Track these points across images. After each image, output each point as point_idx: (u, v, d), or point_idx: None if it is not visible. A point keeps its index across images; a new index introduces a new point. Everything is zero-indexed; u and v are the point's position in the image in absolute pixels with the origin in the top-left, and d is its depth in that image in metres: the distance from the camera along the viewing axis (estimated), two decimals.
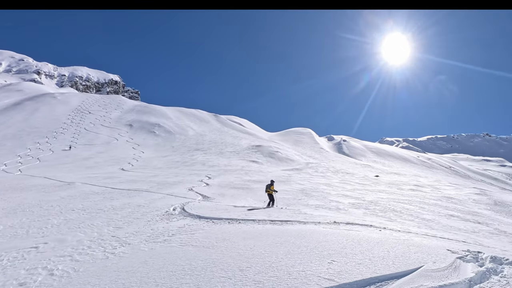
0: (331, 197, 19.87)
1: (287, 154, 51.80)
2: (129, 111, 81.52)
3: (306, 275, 6.33)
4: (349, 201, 18.99)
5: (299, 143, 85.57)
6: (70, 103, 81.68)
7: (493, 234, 14.71)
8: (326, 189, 23.65)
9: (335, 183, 28.14)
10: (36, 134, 55.67)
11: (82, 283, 6.53)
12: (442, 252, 8.00)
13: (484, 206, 25.10)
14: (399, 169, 73.59)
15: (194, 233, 10.06)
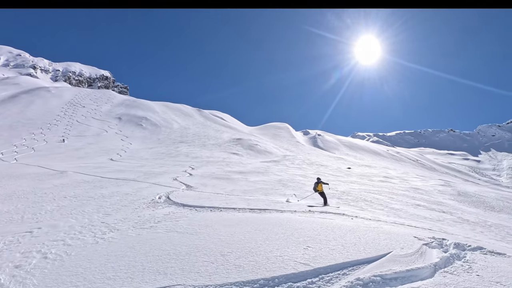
0: (307, 188, 19.91)
1: (266, 147, 51.96)
2: (119, 105, 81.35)
3: (283, 260, 6.39)
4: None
5: (277, 136, 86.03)
6: (64, 97, 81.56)
7: (456, 222, 14.87)
8: (302, 180, 23.74)
9: (310, 174, 28.25)
10: (31, 125, 55.50)
11: (74, 266, 6.53)
12: (410, 239, 8.11)
13: (448, 197, 25.38)
14: (370, 161, 74.13)
15: (179, 220, 10.09)
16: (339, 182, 25.23)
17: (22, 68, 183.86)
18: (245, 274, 5.81)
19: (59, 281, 5.86)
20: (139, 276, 5.90)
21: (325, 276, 5.83)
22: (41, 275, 6.19)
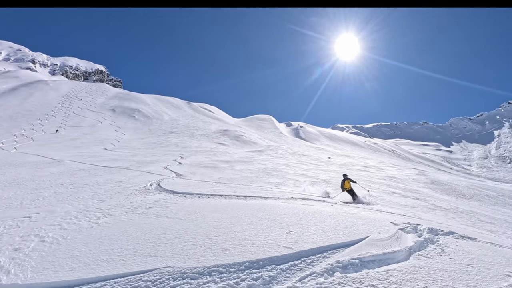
0: (289, 176, 19.94)
1: (251, 137, 51.91)
2: (113, 97, 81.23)
3: (267, 243, 6.42)
4: (305, 179, 19.09)
5: (261, 128, 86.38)
6: (61, 90, 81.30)
7: (430, 209, 14.91)
8: (285, 168, 23.71)
9: (292, 163, 28.28)
10: (30, 117, 55.33)
11: (70, 249, 6.52)
12: (386, 224, 8.16)
13: (422, 185, 25.51)
14: (349, 152, 74.34)
15: (169, 206, 10.11)
16: (319, 171, 25.23)
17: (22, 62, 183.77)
18: (231, 257, 5.83)
19: (56, 263, 5.85)
20: (131, 259, 5.91)
21: (307, 259, 5.85)
22: (39, 257, 6.17)
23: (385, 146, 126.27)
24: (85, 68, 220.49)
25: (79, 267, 5.68)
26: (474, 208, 17.97)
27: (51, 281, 5.23)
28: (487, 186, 35.46)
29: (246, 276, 5.23)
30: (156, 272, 5.37)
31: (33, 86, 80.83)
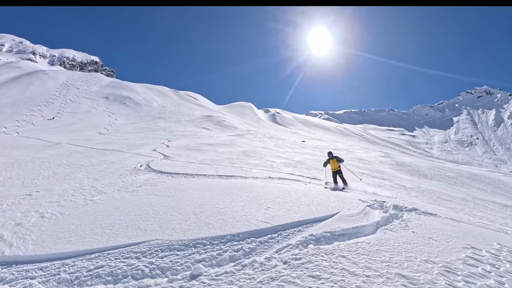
0: (267, 158, 19.92)
1: (232, 123, 51.69)
2: (106, 86, 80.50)
3: (247, 218, 6.43)
4: (281, 161, 19.09)
5: (241, 114, 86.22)
6: (59, 79, 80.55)
7: (394, 187, 15.07)
8: (263, 151, 23.73)
9: (270, 146, 28.29)
10: (30, 103, 54.98)
11: (67, 224, 6.54)
12: (355, 202, 8.21)
13: (388, 166, 25.72)
14: (321, 136, 74.83)
15: (157, 185, 10.11)
16: (294, 153, 25.25)
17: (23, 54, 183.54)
18: (214, 231, 5.85)
19: (54, 237, 5.87)
20: (123, 232, 5.93)
21: (283, 233, 5.88)
22: (39, 231, 6.20)
23: (354, 131, 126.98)
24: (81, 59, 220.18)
25: (75, 240, 5.70)
26: (434, 187, 18.19)
27: (50, 253, 5.25)
28: (447, 167, 35.84)
29: (228, 248, 5.25)
30: (146, 244, 5.39)
31: (33, 75, 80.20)
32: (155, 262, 4.85)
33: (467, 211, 12.26)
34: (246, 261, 4.81)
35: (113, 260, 4.95)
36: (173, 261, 4.87)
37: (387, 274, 4.62)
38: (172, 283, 4.27)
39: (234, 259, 4.96)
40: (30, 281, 4.47)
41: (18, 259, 5.19)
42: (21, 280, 4.57)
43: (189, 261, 4.87)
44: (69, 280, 4.50)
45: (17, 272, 4.80)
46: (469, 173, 31.56)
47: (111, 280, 4.46)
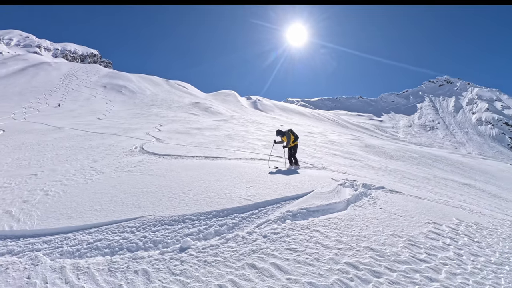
0: (249, 140, 19.73)
1: (217, 109, 51.30)
2: (104, 76, 79.80)
3: (231, 196, 6.45)
4: (262, 143, 18.96)
5: (226, 101, 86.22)
6: (61, 70, 79.83)
7: (364, 167, 15.04)
8: (245, 134, 23.49)
9: (251, 130, 28.03)
10: (36, 92, 54.56)
11: (69, 201, 6.55)
12: (328, 181, 8.21)
13: (358, 148, 25.70)
14: (298, 121, 74.99)
15: (150, 165, 10.07)
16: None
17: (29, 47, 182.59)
18: (201, 207, 5.86)
19: (57, 213, 5.89)
20: (119, 208, 5.95)
21: (263, 209, 5.92)
22: (44, 208, 6.22)
23: (327, 116, 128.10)
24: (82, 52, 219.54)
25: (76, 215, 5.72)
26: (400, 167, 18.24)
27: (53, 228, 5.29)
28: (411, 149, 35.95)
29: (213, 223, 5.29)
30: (140, 220, 5.42)
31: (38, 67, 79.52)
32: (148, 236, 4.89)
33: (429, 189, 12.31)
34: (230, 235, 4.86)
35: (110, 234, 5.00)
36: (164, 235, 4.92)
37: (356, 247, 4.67)
38: (163, 255, 4.30)
39: (219, 233, 5.01)
40: (35, 253, 4.51)
41: (25, 233, 5.25)
42: (27, 252, 4.62)
43: (179, 235, 4.92)
44: (71, 252, 4.55)
45: (24, 245, 4.86)
46: (431, 154, 31.74)
47: (109, 252, 4.51)
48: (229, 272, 3.93)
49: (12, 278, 3.96)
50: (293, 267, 4.05)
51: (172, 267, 4.06)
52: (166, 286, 3.69)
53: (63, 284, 3.82)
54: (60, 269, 4.11)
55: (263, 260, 4.18)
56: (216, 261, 4.17)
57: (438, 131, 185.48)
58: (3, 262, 4.35)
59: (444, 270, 4.49)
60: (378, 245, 4.86)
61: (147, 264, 4.13)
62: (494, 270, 4.83)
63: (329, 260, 4.24)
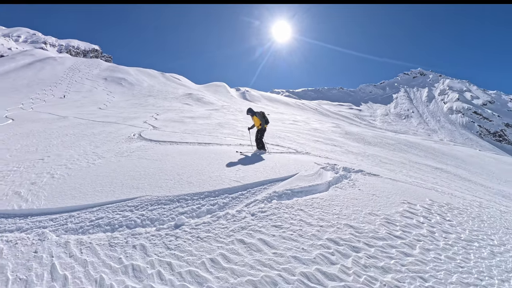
0: (238, 128, 19.56)
1: (209, 99, 51.25)
2: (105, 69, 79.28)
3: (222, 178, 6.46)
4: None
5: (217, 92, 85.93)
6: (66, 64, 79.40)
7: (344, 153, 15.00)
8: (235, 123, 23.29)
9: (240, 119, 27.76)
10: (42, 84, 54.29)
11: (73, 182, 6.57)
12: (311, 164, 8.20)
13: (338, 135, 25.66)
14: (283, 110, 75.17)
15: (147, 150, 10.07)
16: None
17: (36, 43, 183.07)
18: (194, 188, 5.88)
19: (62, 194, 5.91)
20: (119, 190, 5.96)
21: (251, 190, 5.93)
22: (50, 189, 6.26)
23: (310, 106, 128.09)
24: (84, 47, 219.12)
25: (80, 196, 5.75)
26: (377, 152, 18.30)
27: (58, 207, 5.34)
28: (387, 136, 36.31)
29: (205, 202, 5.31)
30: (138, 199, 5.44)
31: (45, 61, 79.18)
32: (146, 214, 4.92)
33: (404, 173, 12.35)
34: (220, 213, 4.89)
35: (111, 213, 5.04)
36: (160, 213, 4.95)
37: (337, 225, 4.70)
38: (159, 232, 4.34)
39: (211, 211, 5.03)
40: (42, 230, 4.57)
41: (33, 212, 5.31)
42: (35, 229, 4.67)
43: (174, 213, 4.95)
44: (75, 229, 4.59)
45: (31, 222, 4.91)
46: (406, 141, 31.89)
47: (109, 229, 4.55)
48: (220, 247, 3.96)
49: (20, 252, 4.02)
50: (278, 242, 4.09)
51: (168, 242, 4.10)
52: (162, 259, 3.72)
53: (68, 257, 3.86)
54: (65, 244, 4.15)
55: (251, 236, 4.21)
56: (208, 237, 4.21)
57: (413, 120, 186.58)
58: (12, 238, 4.41)
59: (418, 246, 4.54)
60: (357, 223, 4.90)
61: (144, 240, 4.17)
62: (464, 246, 4.90)
63: (312, 236, 4.28)
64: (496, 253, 4.98)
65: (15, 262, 3.82)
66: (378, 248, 4.25)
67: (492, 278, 4.19)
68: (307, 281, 3.39)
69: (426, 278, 3.79)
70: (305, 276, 3.46)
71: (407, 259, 4.11)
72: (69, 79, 62.95)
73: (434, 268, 4.04)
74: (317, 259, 3.77)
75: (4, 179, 7.40)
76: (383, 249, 4.24)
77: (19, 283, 3.42)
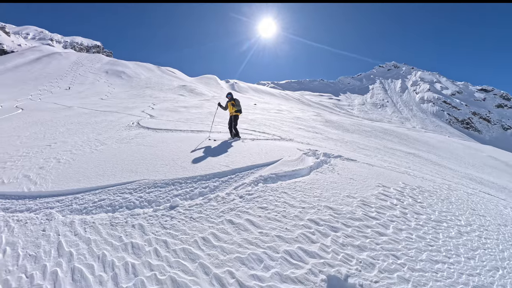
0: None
1: (201, 90, 51.14)
2: (106, 63, 79.29)
3: (213, 163, 6.45)
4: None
5: (208, 84, 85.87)
6: (70, 59, 79.33)
7: (324, 139, 14.96)
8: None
9: None
10: (49, 77, 54.16)
11: (77, 167, 6.61)
12: (294, 150, 8.17)
13: (319, 123, 25.59)
14: (268, 100, 75.80)
15: (145, 137, 10.04)
16: (248, 113, 24.90)
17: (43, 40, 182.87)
18: (188, 173, 5.89)
19: (67, 177, 5.97)
20: (120, 173, 6.00)
21: (239, 174, 5.94)
22: (56, 173, 6.31)
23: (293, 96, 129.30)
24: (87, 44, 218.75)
25: (83, 179, 5.79)
26: (355, 139, 18.29)
27: (64, 189, 5.38)
28: (364, 124, 36.21)
29: (198, 185, 5.33)
30: (136, 183, 5.47)
31: (51, 56, 79.26)
32: (144, 196, 4.96)
33: (379, 157, 12.39)
34: (211, 195, 4.92)
35: (112, 195, 5.07)
36: (157, 196, 4.98)
37: (318, 206, 4.74)
38: (156, 212, 4.39)
39: (203, 194, 5.06)
40: (50, 210, 4.63)
41: (41, 194, 5.35)
42: (43, 209, 4.73)
43: (169, 195, 4.98)
44: (79, 210, 4.64)
45: (40, 203, 4.97)
46: (381, 128, 32.01)
47: (111, 210, 4.60)
48: (211, 227, 4.01)
49: (30, 230, 4.09)
50: (264, 222, 4.13)
51: (163, 222, 4.14)
52: (159, 238, 3.77)
53: (73, 235, 3.92)
54: (70, 223, 4.21)
55: (239, 217, 4.25)
56: (200, 217, 4.25)
57: (387, 109, 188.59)
58: (23, 218, 4.47)
59: (392, 226, 4.59)
60: (336, 204, 4.94)
61: (142, 220, 4.21)
62: (433, 226, 4.95)
63: (295, 217, 4.32)
64: (463, 233, 5.06)
65: (25, 240, 3.89)
66: (355, 228, 4.30)
67: (459, 256, 4.26)
68: (290, 258, 3.44)
69: (399, 255, 3.84)
70: (288, 253, 3.51)
71: (381, 238, 4.16)
72: (74, 73, 62.78)
73: (406, 247, 4.09)
74: (299, 238, 3.81)
75: (15, 163, 7.43)
76: (360, 229, 4.29)
77: (29, 259, 3.49)
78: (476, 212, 6.42)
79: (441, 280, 3.61)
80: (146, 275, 3.15)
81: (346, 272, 3.33)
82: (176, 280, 3.06)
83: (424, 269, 3.71)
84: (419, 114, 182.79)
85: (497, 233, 5.55)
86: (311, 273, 3.24)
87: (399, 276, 3.47)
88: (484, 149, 34.63)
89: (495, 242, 5.08)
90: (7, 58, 73.01)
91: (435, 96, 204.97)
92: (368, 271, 3.44)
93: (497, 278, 4.02)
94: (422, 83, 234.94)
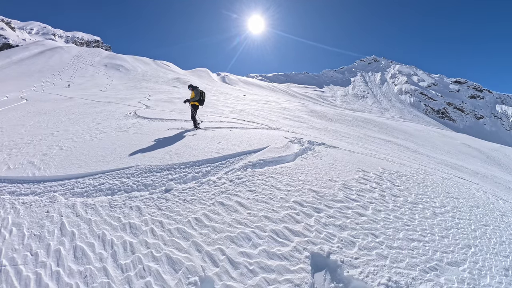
0: (218, 107, 19.37)
1: (194, 83, 50.88)
2: (105, 57, 78.48)
3: (205, 150, 6.44)
4: (229, 109, 18.68)
5: (201, 76, 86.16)
6: (72, 53, 78.46)
7: (309, 128, 15.03)
8: (216, 102, 23.28)
9: (221, 99, 27.72)
10: (52, 70, 53.71)
11: (78, 153, 6.64)
12: (281, 138, 8.14)
13: (305, 113, 25.60)
14: (257, 92, 75.12)
15: (142, 126, 10.04)
16: (238, 104, 25.07)
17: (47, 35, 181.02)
18: (181, 159, 5.90)
19: (69, 163, 6.00)
20: (118, 159, 6.01)
21: (230, 160, 5.92)
22: (59, 159, 6.35)
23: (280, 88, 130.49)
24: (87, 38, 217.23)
25: (84, 165, 5.82)
26: (338, 128, 18.34)
27: (66, 174, 5.43)
28: (346, 114, 36.47)
29: (191, 170, 5.33)
30: (134, 168, 5.48)
31: (54, 50, 78.58)
32: (140, 181, 4.97)
33: (360, 145, 12.47)
34: (203, 180, 4.94)
35: (111, 179, 5.09)
36: (153, 180, 4.99)
37: (302, 189, 4.79)
38: (152, 195, 4.41)
39: (195, 178, 5.06)
40: (53, 194, 4.68)
41: (45, 178, 5.39)
42: (47, 193, 4.77)
43: (164, 179, 4.99)
44: (80, 193, 4.67)
45: (44, 187, 5.01)
46: (362, 118, 32.30)
47: (110, 193, 4.61)
48: (203, 208, 4.04)
49: (35, 212, 4.14)
50: (252, 204, 4.16)
51: (159, 204, 4.17)
52: (154, 218, 3.80)
53: (75, 217, 3.96)
54: (72, 205, 4.24)
55: (229, 199, 4.28)
56: (193, 199, 4.27)
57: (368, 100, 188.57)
58: (28, 201, 4.52)
59: (371, 207, 4.64)
60: (319, 188, 4.97)
61: (139, 202, 4.24)
62: (410, 208, 5.00)
63: (281, 199, 4.36)
64: (438, 214, 5.11)
65: (30, 221, 3.93)
66: (337, 209, 4.34)
67: (434, 235, 4.32)
68: (276, 237, 3.48)
69: (377, 234, 3.89)
70: (274, 232, 3.55)
71: (361, 219, 4.21)
72: (75, 66, 62.32)
73: (384, 226, 4.14)
74: (284, 219, 3.85)
75: (20, 150, 7.50)
76: (341, 210, 4.34)
77: (33, 238, 3.54)
78: (450, 195, 6.50)
79: (417, 257, 3.66)
80: (143, 252, 3.19)
81: (329, 250, 3.37)
82: (171, 257, 3.10)
83: (401, 247, 3.77)
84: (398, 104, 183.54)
85: (469, 214, 5.63)
86: (296, 251, 3.29)
87: (377, 253, 3.52)
88: (458, 137, 35.12)
89: (468, 222, 5.16)
90: (12, 52, 72.42)
91: (412, 88, 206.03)
92: (349, 248, 3.49)
93: (470, 255, 4.10)
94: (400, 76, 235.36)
